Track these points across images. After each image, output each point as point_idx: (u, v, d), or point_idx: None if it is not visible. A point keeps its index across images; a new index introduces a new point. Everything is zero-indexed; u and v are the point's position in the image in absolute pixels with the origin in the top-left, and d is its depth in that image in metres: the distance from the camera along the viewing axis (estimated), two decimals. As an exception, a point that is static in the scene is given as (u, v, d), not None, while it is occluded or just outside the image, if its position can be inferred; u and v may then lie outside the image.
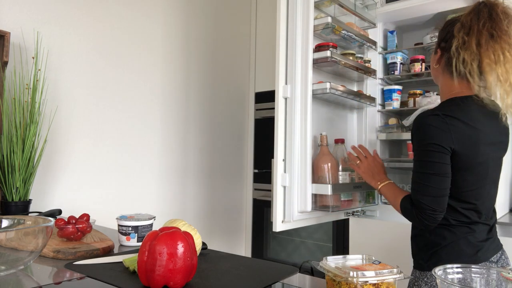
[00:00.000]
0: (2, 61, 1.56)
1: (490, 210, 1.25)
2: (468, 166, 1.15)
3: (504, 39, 1.12)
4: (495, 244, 1.24)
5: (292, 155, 1.61)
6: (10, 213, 1.48)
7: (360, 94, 1.95)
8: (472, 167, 1.16)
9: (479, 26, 1.14)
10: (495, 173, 1.23)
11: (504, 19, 1.14)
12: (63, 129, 1.85)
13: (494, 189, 1.26)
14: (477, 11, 1.18)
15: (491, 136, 1.17)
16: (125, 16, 2.12)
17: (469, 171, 1.16)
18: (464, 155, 1.13)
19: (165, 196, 2.31)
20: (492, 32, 1.13)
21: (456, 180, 1.16)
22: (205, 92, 2.59)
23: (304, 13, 1.64)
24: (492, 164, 1.19)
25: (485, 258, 1.19)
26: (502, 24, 1.13)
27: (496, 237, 1.26)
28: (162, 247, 0.77)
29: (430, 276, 1.20)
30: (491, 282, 0.75)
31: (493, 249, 1.22)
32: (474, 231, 1.20)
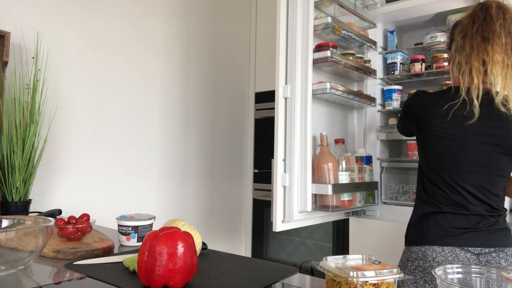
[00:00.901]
0: (2, 61, 1.56)
1: (475, 199, 1.25)
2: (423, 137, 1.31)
3: (495, 41, 1.18)
4: (485, 237, 1.24)
5: (292, 155, 1.62)
6: (10, 213, 1.48)
7: (360, 94, 1.95)
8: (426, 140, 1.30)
9: (473, 30, 1.22)
10: (479, 161, 1.24)
11: (497, 19, 1.20)
12: (63, 129, 1.85)
13: (481, 179, 1.26)
14: (474, 14, 1.25)
15: (475, 125, 1.22)
16: (125, 16, 2.12)
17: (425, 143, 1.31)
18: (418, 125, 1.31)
19: (165, 196, 2.31)
20: (484, 34, 1.20)
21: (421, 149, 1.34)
22: (205, 92, 2.59)
23: (304, 13, 1.64)
24: (470, 150, 1.24)
25: (457, 243, 1.23)
26: (494, 26, 1.20)
27: (490, 231, 1.25)
28: (162, 247, 0.77)
29: (407, 250, 1.32)
30: (491, 282, 0.75)
31: (478, 241, 1.23)
32: (445, 213, 1.26)
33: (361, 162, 1.85)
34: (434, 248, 1.26)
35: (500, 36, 1.19)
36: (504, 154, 1.26)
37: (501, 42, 1.19)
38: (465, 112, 1.23)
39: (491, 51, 1.18)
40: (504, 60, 1.19)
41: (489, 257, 1.24)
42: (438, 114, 1.27)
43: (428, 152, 1.32)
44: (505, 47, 1.20)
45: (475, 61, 1.21)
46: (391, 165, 2.12)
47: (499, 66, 1.19)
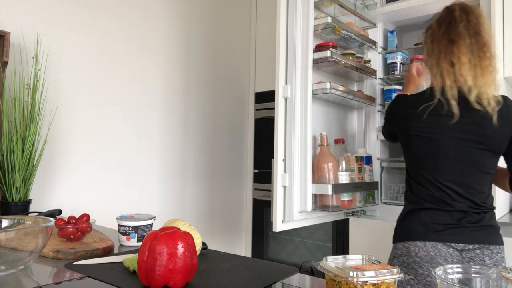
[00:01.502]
0: (2, 61, 1.56)
1: (457, 195, 1.28)
2: (404, 138, 1.38)
3: (460, 43, 1.26)
4: (468, 233, 1.26)
5: (292, 155, 1.62)
6: (10, 213, 1.48)
7: (360, 94, 1.95)
8: (408, 141, 1.36)
9: (440, 33, 1.31)
10: (459, 158, 1.28)
11: (460, 21, 1.28)
12: (63, 129, 1.85)
13: (463, 176, 1.28)
14: (440, 18, 1.34)
15: (453, 123, 1.26)
16: (125, 16, 2.12)
17: (407, 143, 1.37)
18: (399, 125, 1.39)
19: (165, 196, 2.31)
20: (450, 37, 1.28)
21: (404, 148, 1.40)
22: (205, 92, 2.59)
23: (304, 13, 1.64)
24: (449, 147, 1.28)
25: (439, 239, 1.26)
26: (458, 28, 1.27)
27: (474, 228, 1.27)
28: (162, 247, 0.77)
29: (393, 248, 1.37)
30: (491, 282, 0.75)
31: (461, 237, 1.26)
32: (428, 210, 1.30)
33: (361, 162, 1.85)
34: (417, 244, 1.29)
35: (465, 37, 1.26)
36: (484, 150, 1.28)
37: (466, 43, 1.25)
38: (443, 111, 1.28)
39: (457, 52, 1.25)
40: (471, 60, 1.25)
41: (472, 254, 1.26)
42: (416, 115, 1.32)
43: (410, 152, 1.37)
44: (470, 47, 1.26)
45: (444, 63, 1.28)
46: (391, 165, 2.12)
47: (466, 66, 1.25)
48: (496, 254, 1.26)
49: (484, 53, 1.26)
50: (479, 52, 1.26)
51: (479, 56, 1.25)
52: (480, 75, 1.25)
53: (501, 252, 1.27)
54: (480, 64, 1.25)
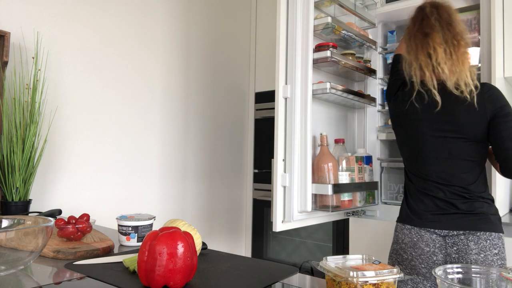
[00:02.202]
0: (2, 61, 1.56)
1: (441, 185, 1.34)
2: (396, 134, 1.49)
3: (434, 35, 1.33)
4: (452, 220, 1.31)
5: (292, 155, 1.61)
6: (10, 213, 1.48)
7: (360, 94, 1.95)
8: (397, 137, 1.49)
9: (415, 30, 1.39)
10: (439, 148, 1.34)
11: (431, 15, 1.36)
12: (63, 129, 1.85)
13: (445, 166, 1.34)
14: (414, 17, 1.43)
15: (431, 114, 1.34)
16: (125, 16, 2.12)
17: (397, 139, 1.49)
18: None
19: (165, 196, 2.31)
20: (424, 31, 1.35)
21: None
22: (205, 92, 2.59)
23: (304, 13, 1.64)
24: (431, 139, 1.35)
25: (423, 225, 1.35)
26: (431, 21, 1.35)
27: (460, 215, 1.31)
28: (162, 247, 0.77)
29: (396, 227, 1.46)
30: (491, 282, 0.75)
31: (444, 224, 1.32)
32: (415, 199, 1.39)
33: (361, 162, 1.85)
34: (404, 231, 1.39)
35: (438, 29, 1.33)
36: (462, 139, 1.32)
37: (439, 34, 1.32)
38: (425, 102, 1.34)
39: (432, 43, 1.32)
40: (446, 50, 1.31)
41: (456, 239, 1.30)
42: (399, 110, 1.43)
43: (399, 147, 1.50)
44: (444, 37, 1.32)
45: (421, 55, 1.34)
46: (391, 165, 2.12)
47: (442, 55, 1.31)
48: (485, 240, 1.27)
49: (458, 41, 1.32)
50: (453, 41, 1.31)
51: (453, 44, 1.31)
52: (457, 62, 1.30)
53: (492, 239, 1.26)
54: (456, 52, 1.31)
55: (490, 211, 1.32)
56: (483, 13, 1.78)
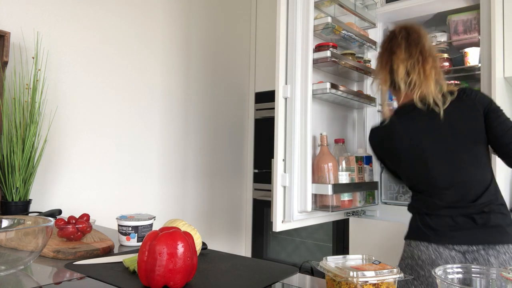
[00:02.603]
0: (2, 61, 1.56)
1: (456, 198, 1.30)
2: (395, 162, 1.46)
3: (398, 52, 1.38)
4: (471, 235, 1.27)
5: (292, 155, 1.61)
6: (10, 213, 1.48)
7: (360, 94, 1.95)
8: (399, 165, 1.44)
9: (384, 49, 1.45)
10: (442, 161, 1.33)
11: (399, 35, 1.41)
12: (63, 129, 1.85)
13: (457, 177, 1.31)
14: (384, 39, 1.49)
15: (425, 130, 1.34)
16: (125, 16, 2.12)
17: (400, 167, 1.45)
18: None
19: (165, 196, 2.31)
20: (391, 49, 1.41)
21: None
22: (205, 92, 2.58)
23: (304, 13, 1.64)
24: (436, 153, 1.33)
25: (441, 241, 1.29)
26: (397, 40, 1.41)
27: (478, 229, 1.27)
28: (162, 247, 0.77)
29: (404, 247, 1.41)
30: (491, 282, 0.75)
31: (463, 239, 1.27)
32: (431, 215, 1.34)
33: (361, 162, 1.85)
34: (420, 247, 1.33)
35: (402, 47, 1.38)
36: (465, 141, 1.31)
37: (403, 52, 1.37)
38: (421, 116, 1.35)
39: (396, 60, 1.38)
40: (411, 64, 1.36)
41: (476, 255, 1.26)
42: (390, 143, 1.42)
43: (404, 178, 1.45)
44: (410, 53, 1.37)
45: (384, 72, 1.42)
46: (391, 165, 2.12)
47: (403, 71, 1.36)
48: (504, 253, 1.24)
49: (425, 57, 1.36)
50: (419, 57, 1.36)
51: (418, 60, 1.35)
52: (423, 76, 1.34)
53: (510, 252, 1.25)
54: (422, 67, 1.35)
55: (505, 222, 1.29)
56: (483, 13, 1.78)
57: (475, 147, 1.31)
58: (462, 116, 1.32)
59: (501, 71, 1.71)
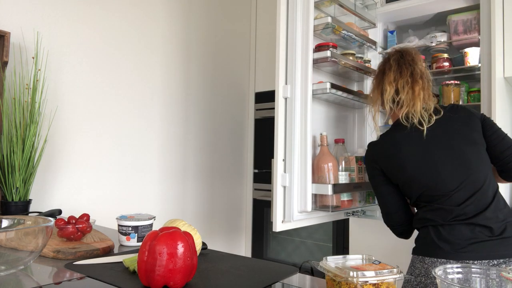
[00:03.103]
0: (2, 61, 1.56)
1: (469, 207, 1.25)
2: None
3: (389, 73, 1.42)
4: (491, 248, 1.21)
5: (292, 155, 1.61)
6: (10, 213, 1.48)
7: (360, 94, 1.95)
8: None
9: (377, 71, 1.50)
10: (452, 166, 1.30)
11: (391, 57, 1.46)
12: (63, 129, 1.85)
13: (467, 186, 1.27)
14: (380, 61, 1.53)
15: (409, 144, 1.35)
16: (125, 16, 2.12)
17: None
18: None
19: (165, 196, 2.31)
20: (384, 71, 1.46)
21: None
22: (205, 92, 2.59)
23: (304, 13, 1.64)
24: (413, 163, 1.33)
25: (459, 257, 1.22)
26: (389, 62, 1.45)
27: (499, 240, 1.22)
28: (162, 247, 0.77)
29: (411, 264, 1.34)
30: (491, 282, 0.75)
31: (482, 253, 1.21)
32: (445, 225, 1.27)
33: (361, 162, 1.85)
34: (437, 265, 1.25)
35: (394, 68, 1.42)
36: (464, 145, 1.31)
37: (393, 73, 1.41)
38: (418, 133, 1.35)
39: (387, 80, 1.42)
40: (401, 85, 1.39)
41: None
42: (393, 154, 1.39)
43: (408, 191, 1.38)
44: (401, 74, 1.40)
45: (374, 95, 1.48)
46: (391, 165, 2.12)
47: (391, 92, 1.40)
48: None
49: (415, 79, 1.38)
50: (408, 78, 1.39)
51: (408, 82, 1.38)
52: (411, 96, 1.37)
53: None
54: (412, 88, 1.38)
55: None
56: (483, 13, 1.78)
57: (478, 149, 1.32)
58: (460, 123, 1.34)
59: (501, 71, 1.71)
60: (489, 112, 1.70)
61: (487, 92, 1.72)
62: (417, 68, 1.42)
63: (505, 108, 1.80)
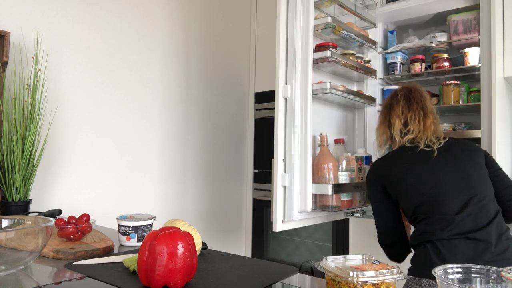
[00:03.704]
0: (2, 61, 1.56)
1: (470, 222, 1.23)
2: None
3: (395, 108, 1.48)
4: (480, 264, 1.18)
5: (292, 155, 1.61)
6: (10, 213, 1.48)
7: (360, 94, 1.95)
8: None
9: (384, 106, 1.56)
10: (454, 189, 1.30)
11: (399, 92, 1.51)
12: (63, 129, 1.85)
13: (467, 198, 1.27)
14: (387, 97, 1.59)
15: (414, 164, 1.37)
16: (125, 16, 2.12)
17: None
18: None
19: (165, 196, 2.31)
20: (391, 106, 1.51)
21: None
22: (205, 92, 2.59)
23: (304, 13, 1.64)
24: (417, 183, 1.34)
25: None
26: (397, 98, 1.50)
27: (501, 260, 1.18)
28: (162, 247, 0.77)
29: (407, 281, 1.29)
30: (491, 282, 0.75)
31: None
32: (443, 240, 1.23)
33: (361, 162, 1.85)
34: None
35: (401, 103, 1.47)
36: (468, 165, 1.34)
37: (400, 108, 1.47)
38: (424, 152, 1.39)
39: (394, 114, 1.48)
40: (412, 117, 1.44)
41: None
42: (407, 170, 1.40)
43: (408, 195, 1.37)
44: (410, 108, 1.46)
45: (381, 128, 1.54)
46: (391, 165, 2.12)
47: (399, 126, 1.45)
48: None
49: (426, 113, 1.44)
50: (420, 111, 1.44)
51: (419, 114, 1.44)
52: (422, 126, 1.42)
53: None
54: (423, 120, 1.43)
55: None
56: (483, 13, 1.78)
57: (481, 169, 1.33)
58: (466, 147, 1.38)
59: (501, 71, 1.71)
60: (489, 112, 1.70)
61: (487, 92, 1.72)
62: (427, 103, 1.47)
63: (505, 108, 1.80)
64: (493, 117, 1.67)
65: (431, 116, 1.45)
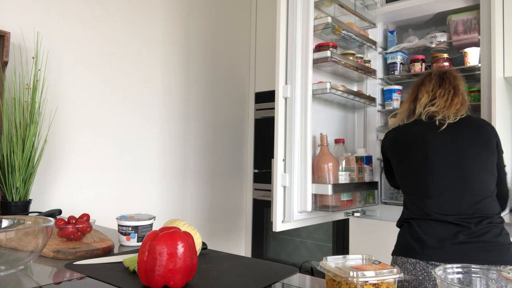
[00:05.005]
0: (2, 61, 1.56)
1: (449, 207, 1.25)
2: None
3: (427, 84, 1.47)
4: (467, 252, 1.16)
5: (292, 155, 1.61)
6: (10, 213, 1.48)
7: (360, 94, 1.95)
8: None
9: (414, 85, 1.53)
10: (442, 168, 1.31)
11: (432, 73, 1.51)
12: (63, 129, 1.85)
13: (453, 186, 1.27)
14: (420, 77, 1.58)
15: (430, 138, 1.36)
16: (125, 16, 2.12)
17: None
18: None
19: (165, 196, 2.31)
20: (422, 83, 1.49)
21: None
22: (205, 92, 2.59)
23: (304, 13, 1.64)
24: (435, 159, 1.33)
25: (430, 258, 1.19)
26: (430, 76, 1.50)
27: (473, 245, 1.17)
28: (162, 247, 0.77)
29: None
30: (491, 282, 0.75)
31: (458, 257, 1.17)
32: (419, 219, 1.27)
33: (361, 162, 1.85)
34: (406, 267, 1.23)
35: (433, 82, 1.47)
36: (474, 145, 1.33)
37: (431, 85, 1.46)
38: (427, 126, 1.40)
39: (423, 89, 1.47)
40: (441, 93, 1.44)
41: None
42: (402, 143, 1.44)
43: (402, 172, 1.43)
44: (442, 87, 1.44)
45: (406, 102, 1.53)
46: (391, 165, 2.12)
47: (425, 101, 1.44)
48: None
49: (456, 93, 1.43)
50: (450, 90, 1.43)
51: (449, 92, 1.43)
52: (448, 106, 1.40)
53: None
54: (451, 98, 1.42)
55: (506, 241, 1.20)
56: (483, 13, 1.78)
57: (486, 157, 1.31)
58: (480, 130, 1.36)
59: (501, 71, 1.71)
60: (489, 112, 1.70)
61: (487, 92, 1.72)
62: (460, 86, 1.46)
63: (505, 108, 1.80)
64: (493, 117, 1.67)
65: (461, 96, 1.44)
